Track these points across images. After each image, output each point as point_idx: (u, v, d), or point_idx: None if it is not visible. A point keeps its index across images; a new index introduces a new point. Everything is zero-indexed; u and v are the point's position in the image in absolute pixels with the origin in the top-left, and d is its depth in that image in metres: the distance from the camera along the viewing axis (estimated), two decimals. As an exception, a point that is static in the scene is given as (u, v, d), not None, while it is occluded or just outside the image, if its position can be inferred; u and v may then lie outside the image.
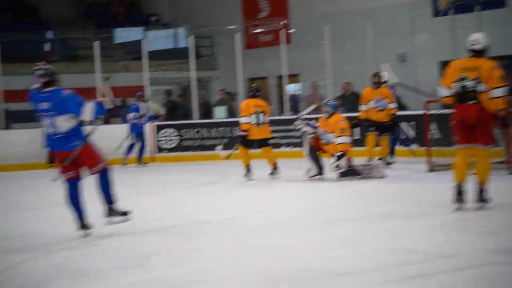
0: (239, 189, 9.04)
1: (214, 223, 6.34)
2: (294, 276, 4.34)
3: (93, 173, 5.92)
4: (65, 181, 5.94)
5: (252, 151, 9.72)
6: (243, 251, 5.12)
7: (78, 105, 5.77)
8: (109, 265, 4.91)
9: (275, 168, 9.74)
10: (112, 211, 6.00)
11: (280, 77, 14.83)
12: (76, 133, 5.85)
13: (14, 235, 6.30)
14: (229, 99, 14.90)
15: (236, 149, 9.87)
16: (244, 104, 9.83)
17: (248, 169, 9.65)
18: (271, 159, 9.82)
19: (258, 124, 9.67)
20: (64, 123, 5.81)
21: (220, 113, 14.30)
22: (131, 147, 12.59)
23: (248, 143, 9.76)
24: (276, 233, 5.76)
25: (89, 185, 6.10)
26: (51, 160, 12.35)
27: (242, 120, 9.73)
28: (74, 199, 5.93)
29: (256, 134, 9.74)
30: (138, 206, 6.91)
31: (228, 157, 10.07)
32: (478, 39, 6.14)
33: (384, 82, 10.54)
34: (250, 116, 9.59)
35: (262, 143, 9.82)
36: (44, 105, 5.87)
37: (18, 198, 9.31)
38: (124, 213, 6.03)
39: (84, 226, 5.98)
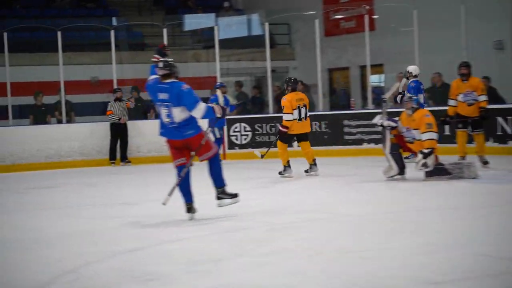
0: (312, 188, 9.01)
1: (288, 225, 6.31)
2: (381, 285, 4.29)
3: (204, 160, 6.65)
4: (175, 167, 6.65)
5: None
6: (322, 255, 5.08)
7: (193, 102, 6.44)
8: (176, 269, 4.88)
9: (313, 164, 9.81)
10: (222, 194, 6.71)
11: (362, 67, 14.62)
12: (190, 123, 6.54)
13: (75, 235, 6.39)
14: (306, 91, 14.76)
15: (273, 147, 10.03)
16: (287, 99, 9.84)
17: (287, 165, 9.78)
18: (309, 155, 9.87)
19: (300, 119, 9.80)
20: (179, 113, 6.48)
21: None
22: (218, 142, 12.10)
23: (287, 139, 9.90)
24: (357, 237, 5.68)
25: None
26: (113, 157, 12.71)
27: (286, 117, 9.76)
28: (183, 184, 6.65)
29: (297, 129, 9.85)
30: (203, 205, 7.02)
31: (263, 157, 10.24)
32: None
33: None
34: (293, 111, 9.73)
35: (301, 137, 9.90)
36: (163, 96, 6.57)
37: (78, 196, 9.43)
38: (234, 195, 6.73)
39: (190, 209, 6.69)
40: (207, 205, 6.99)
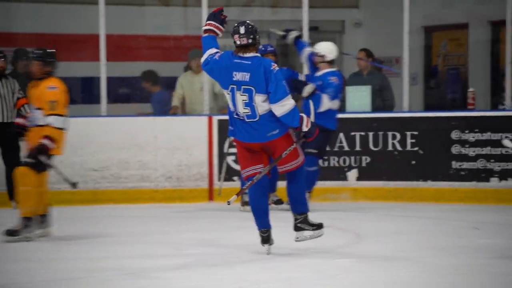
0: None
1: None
2: None
3: (285, 171, 5.66)
4: (245, 178, 5.74)
5: None
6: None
7: (283, 91, 5.38)
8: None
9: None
10: (303, 224, 5.70)
11: (497, 25, 10.19)
12: (275, 118, 5.47)
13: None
14: (374, 70, 9.84)
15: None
16: None
17: None
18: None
19: None
20: (263, 103, 5.47)
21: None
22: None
23: None
24: None
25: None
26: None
27: None
28: (259, 203, 5.66)
29: None
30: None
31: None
32: None
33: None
34: None
35: None
36: (240, 76, 5.47)
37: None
38: (317, 226, 5.70)
39: (267, 239, 5.64)
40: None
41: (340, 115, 7.77)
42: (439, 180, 8.39)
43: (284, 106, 5.38)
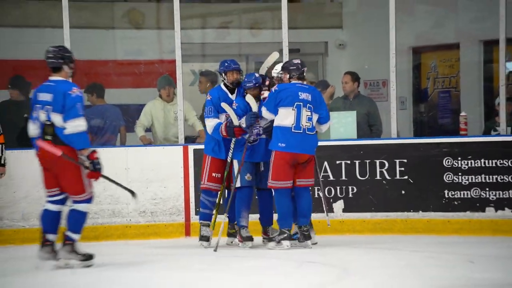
0: None
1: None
2: None
3: (305, 185, 7.19)
4: (274, 188, 7.13)
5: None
6: None
7: (326, 114, 7.29)
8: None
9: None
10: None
11: (489, 44, 10.24)
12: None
13: None
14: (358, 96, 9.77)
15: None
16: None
17: None
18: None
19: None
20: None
21: None
22: None
23: None
24: None
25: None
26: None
27: None
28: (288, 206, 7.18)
29: None
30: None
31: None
32: None
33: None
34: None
35: None
36: (305, 96, 7.23)
37: None
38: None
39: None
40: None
41: (324, 143, 7.73)
42: (431, 210, 8.32)
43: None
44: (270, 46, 10.12)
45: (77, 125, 5.90)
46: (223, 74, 7.63)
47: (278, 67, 7.78)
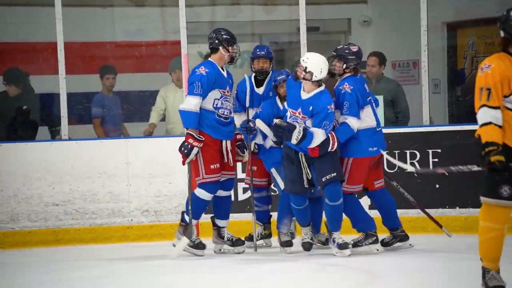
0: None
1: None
2: None
3: (378, 187, 7.13)
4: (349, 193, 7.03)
5: None
6: None
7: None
8: None
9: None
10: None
11: None
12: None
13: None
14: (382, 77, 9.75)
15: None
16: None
17: None
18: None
19: None
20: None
21: None
22: None
23: None
24: None
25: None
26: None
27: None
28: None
29: None
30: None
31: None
32: None
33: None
34: None
35: None
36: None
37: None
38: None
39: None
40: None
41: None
42: (469, 206, 8.26)
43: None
44: (287, 24, 10.20)
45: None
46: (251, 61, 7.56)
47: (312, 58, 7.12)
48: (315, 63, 6.88)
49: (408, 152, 8.42)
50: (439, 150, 8.44)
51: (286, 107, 7.05)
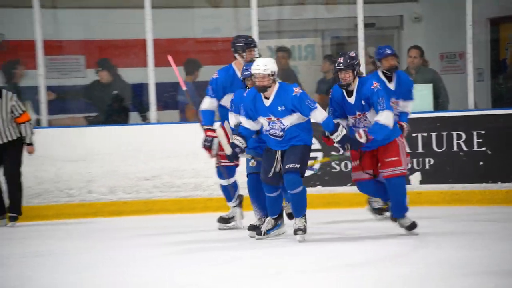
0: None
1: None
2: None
3: (388, 176, 6.63)
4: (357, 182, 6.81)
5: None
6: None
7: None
8: None
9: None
10: (403, 224, 6.69)
11: None
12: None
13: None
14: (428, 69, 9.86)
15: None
16: None
17: None
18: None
19: None
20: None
21: None
22: None
23: None
24: None
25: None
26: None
27: None
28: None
29: None
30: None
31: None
32: None
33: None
34: None
35: None
36: None
37: None
38: (412, 226, 6.64)
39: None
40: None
41: (400, 115, 7.99)
42: (510, 181, 8.50)
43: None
44: (346, 21, 10.46)
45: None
46: (378, 61, 7.48)
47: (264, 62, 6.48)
48: (272, 63, 6.41)
49: (454, 133, 8.62)
50: (483, 131, 8.67)
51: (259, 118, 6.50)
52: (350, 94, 6.51)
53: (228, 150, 6.49)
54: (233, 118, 6.92)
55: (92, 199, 8.85)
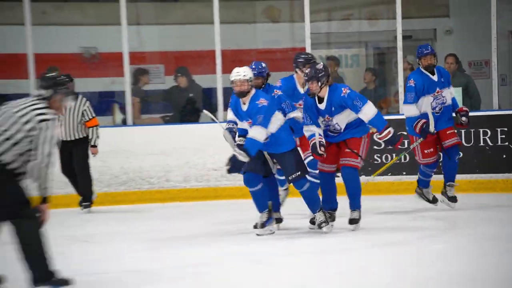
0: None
1: None
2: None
3: (342, 164, 6.78)
4: (320, 173, 6.91)
5: None
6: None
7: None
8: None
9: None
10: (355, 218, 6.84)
11: None
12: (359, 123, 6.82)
13: None
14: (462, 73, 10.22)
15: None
16: None
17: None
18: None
19: None
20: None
21: None
22: None
23: None
24: None
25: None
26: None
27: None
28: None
29: None
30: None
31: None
32: None
33: None
34: None
35: None
36: None
37: None
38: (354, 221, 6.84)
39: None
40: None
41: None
42: None
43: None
44: (386, 34, 11.03)
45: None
46: (418, 59, 7.76)
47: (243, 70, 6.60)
48: (249, 70, 6.61)
49: (481, 130, 9.04)
50: (506, 129, 9.11)
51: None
52: (321, 100, 6.70)
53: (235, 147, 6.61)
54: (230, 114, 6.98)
55: (169, 186, 9.58)
